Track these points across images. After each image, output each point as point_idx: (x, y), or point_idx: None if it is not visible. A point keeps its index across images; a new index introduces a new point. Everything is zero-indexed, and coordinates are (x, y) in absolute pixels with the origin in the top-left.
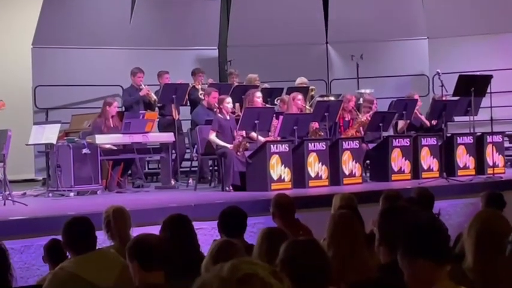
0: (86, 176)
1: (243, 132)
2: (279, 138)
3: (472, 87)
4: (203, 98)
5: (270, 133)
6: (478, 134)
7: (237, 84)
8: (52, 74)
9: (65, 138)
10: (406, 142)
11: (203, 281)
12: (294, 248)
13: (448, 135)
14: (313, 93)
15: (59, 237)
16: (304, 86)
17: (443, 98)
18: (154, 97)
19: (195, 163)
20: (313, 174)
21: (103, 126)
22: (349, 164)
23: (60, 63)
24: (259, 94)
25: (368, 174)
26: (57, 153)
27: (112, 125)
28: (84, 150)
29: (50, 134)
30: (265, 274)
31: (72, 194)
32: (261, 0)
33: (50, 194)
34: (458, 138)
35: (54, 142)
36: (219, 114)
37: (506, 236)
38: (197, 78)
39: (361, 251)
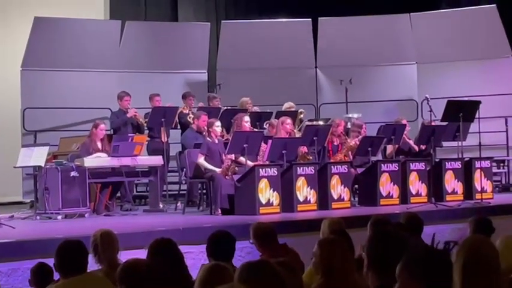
0: (74, 198)
1: (232, 156)
2: (267, 162)
3: (461, 112)
4: (192, 121)
5: (258, 157)
6: (467, 159)
7: (226, 107)
8: (41, 96)
9: (53, 160)
10: (394, 167)
11: None
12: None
13: (437, 160)
14: (301, 116)
15: (46, 261)
16: (291, 110)
17: (432, 123)
18: (142, 119)
19: (183, 186)
20: (301, 199)
21: (91, 148)
22: (337, 189)
23: (49, 86)
24: (247, 118)
25: (356, 199)
26: (45, 175)
27: (101, 148)
28: (73, 173)
29: (38, 156)
30: None
31: (59, 216)
32: (250, 23)
33: (38, 217)
34: (446, 163)
35: (43, 165)
36: (208, 138)
37: (494, 262)
38: (187, 102)
39: (352, 276)
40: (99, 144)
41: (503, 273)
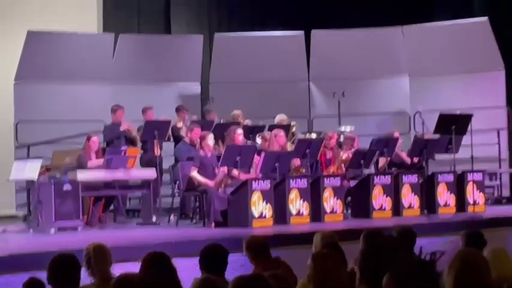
0: (67, 212)
1: (225, 169)
2: (260, 175)
3: (453, 125)
4: (185, 134)
5: (251, 170)
6: (459, 172)
7: (218, 121)
8: (34, 109)
9: (46, 174)
10: (387, 179)
11: None
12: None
13: (429, 173)
14: (294, 129)
15: (39, 275)
16: (285, 123)
17: (424, 136)
18: (135, 134)
19: (176, 199)
20: (294, 211)
21: (86, 161)
22: (330, 201)
23: (42, 99)
24: (240, 131)
25: (349, 212)
26: (38, 189)
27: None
28: (66, 187)
29: (31, 170)
30: None
31: (53, 230)
32: (243, 36)
33: (31, 230)
34: (439, 175)
35: (36, 178)
36: (201, 151)
37: (486, 275)
38: (181, 115)
39: None
40: (93, 157)
41: (493, 285)
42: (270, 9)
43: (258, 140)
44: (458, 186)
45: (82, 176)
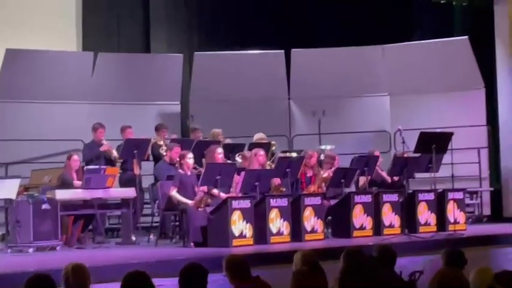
0: (46, 231)
1: (205, 188)
2: (240, 194)
3: (433, 144)
4: (165, 153)
5: (231, 189)
6: (439, 190)
7: (198, 139)
8: (12, 128)
9: (25, 193)
10: (367, 198)
11: None
12: None
13: (410, 191)
14: (274, 148)
15: None
16: (265, 141)
17: (405, 155)
18: (115, 154)
19: (156, 218)
20: (274, 230)
21: (72, 179)
22: (311, 220)
23: (21, 118)
24: (220, 150)
25: (330, 230)
26: (16, 208)
27: (76, 180)
28: (44, 206)
29: (9, 189)
30: None
31: (31, 250)
32: (223, 55)
33: (9, 250)
34: (419, 194)
35: (14, 197)
36: (180, 170)
37: None
38: (160, 134)
39: None
40: (75, 176)
41: None
42: (250, 28)
43: (238, 159)
44: (439, 205)
45: (61, 195)
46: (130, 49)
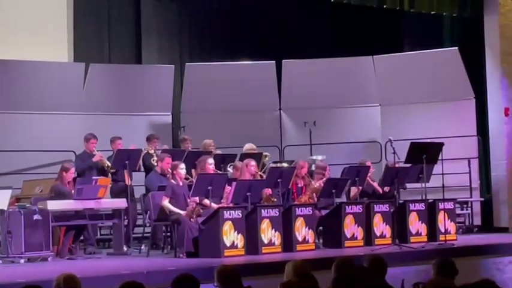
0: (37, 242)
1: (196, 199)
2: (232, 205)
3: (424, 154)
4: (156, 164)
5: (222, 200)
6: (430, 200)
7: (190, 150)
8: (3, 139)
9: (16, 204)
10: (358, 209)
11: None
12: None
13: (401, 201)
14: (266, 159)
15: None
16: (255, 152)
17: (396, 165)
18: (108, 163)
19: (148, 229)
20: (266, 241)
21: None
22: (302, 231)
23: (12, 128)
24: (211, 161)
25: (321, 241)
26: (7, 219)
27: (68, 190)
28: (36, 216)
29: (1, 199)
30: None
31: (22, 260)
32: (214, 66)
33: (0, 261)
34: (410, 204)
35: (5, 208)
36: (172, 180)
37: None
38: (152, 144)
39: None
40: (67, 188)
41: None
42: (241, 39)
43: (230, 170)
44: (430, 215)
45: (53, 205)
46: (122, 60)
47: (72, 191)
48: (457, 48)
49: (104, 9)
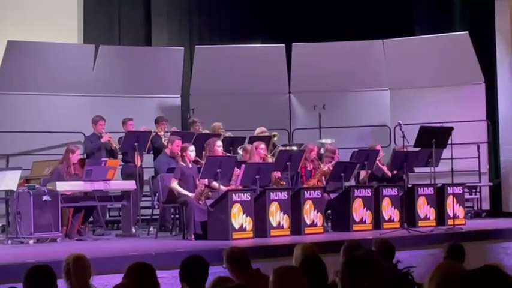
0: (46, 223)
1: (205, 181)
2: (240, 187)
3: (433, 138)
4: (166, 145)
5: (231, 182)
6: (439, 185)
7: (199, 132)
8: (13, 120)
9: (26, 185)
10: (367, 192)
11: None
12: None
13: (409, 186)
14: (275, 138)
15: (17, 286)
16: (264, 135)
17: (405, 149)
18: (115, 144)
19: (156, 211)
20: (274, 224)
21: (65, 174)
22: (310, 214)
23: (22, 110)
24: (219, 143)
25: (329, 224)
26: (17, 200)
27: (73, 172)
28: (45, 197)
29: (10, 180)
30: None
31: (31, 241)
32: (224, 49)
33: (9, 241)
34: (419, 189)
35: (15, 189)
36: (182, 163)
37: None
38: (160, 126)
39: None
40: (72, 169)
41: None
42: (251, 22)
43: (240, 152)
44: (438, 200)
45: (62, 186)
46: (132, 42)
47: (65, 174)
48: (467, 32)
49: None
